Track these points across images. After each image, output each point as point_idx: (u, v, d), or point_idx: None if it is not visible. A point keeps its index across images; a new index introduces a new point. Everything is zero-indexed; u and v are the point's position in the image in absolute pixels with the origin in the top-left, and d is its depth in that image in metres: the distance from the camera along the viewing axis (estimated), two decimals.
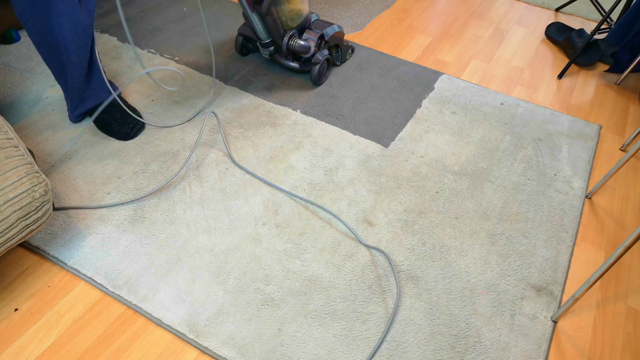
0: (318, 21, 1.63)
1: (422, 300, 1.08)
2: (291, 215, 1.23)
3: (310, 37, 1.57)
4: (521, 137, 1.51)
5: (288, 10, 1.51)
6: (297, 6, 1.53)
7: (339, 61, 1.71)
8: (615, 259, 0.94)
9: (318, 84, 1.63)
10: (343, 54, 1.71)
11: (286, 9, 1.51)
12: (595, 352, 1.02)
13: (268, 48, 1.60)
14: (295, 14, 1.54)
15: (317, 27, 1.60)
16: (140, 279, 1.07)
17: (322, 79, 1.64)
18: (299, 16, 1.55)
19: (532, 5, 2.25)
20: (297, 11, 1.54)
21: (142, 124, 1.43)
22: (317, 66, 1.57)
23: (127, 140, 1.39)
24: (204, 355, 0.97)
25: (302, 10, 1.56)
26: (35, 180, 0.94)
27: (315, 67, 1.57)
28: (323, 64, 1.60)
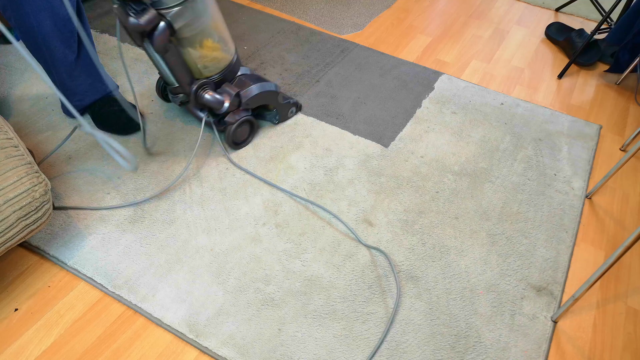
0: (244, 77, 1.36)
1: (422, 300, 1.08)
2: (291, 215, 1.23)
3: (226, 92, 1.29)
4: (521, 137, 1.51)
5: (199, 55, 1.21)
6: (212, 53, 1.23)
7: (275, 120, 1.46)
8: (615, 259, 0.94)
9: (234, 148, 1.38)
10: (281, 114, 1.45)
11: (196, 54, 1.21)
12: (595, 352, 1.02)
13: (177, 95, 1.34)
14: (209, 61, 1.25)
15: (240, 84, 1.33)
16: (140, 279, 1.07)
17: (240, 144, 1.38)
18: (215, 65, 1.27)
19: (532, 5, 2.25)
20: (211, 58, 1.24)
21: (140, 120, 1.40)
22: (232, 127, 1.31)
23: (127, 135, 1.39)
24: (204, 355, 0.97)
25: (220, 59, 1.27)
26: (35, 180, 0.94)
27: (230, 128, 1.31)
28: (241, 127, 1.34)
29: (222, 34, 1.24)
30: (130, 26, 1.07)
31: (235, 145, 1.37)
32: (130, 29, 1.09)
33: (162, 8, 1.09)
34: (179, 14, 1.11)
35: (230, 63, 1.31)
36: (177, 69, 1.21)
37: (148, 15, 1.06)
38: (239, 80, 1.35)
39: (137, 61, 1.68)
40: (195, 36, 1.17)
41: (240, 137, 1.36)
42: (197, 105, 1.31)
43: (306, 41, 1.85)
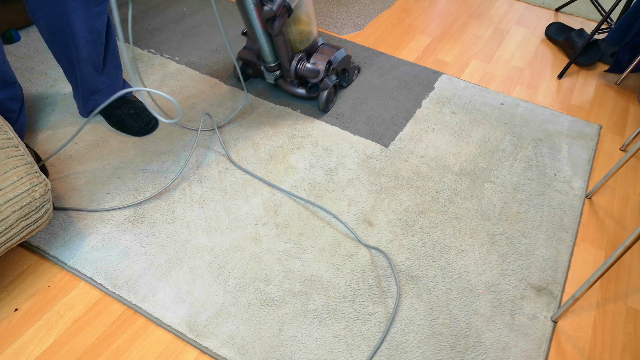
0: (325, 45, 1.54)
1: (422, 300, 1.08)
2: (291, 215, 1.23)
3: (319, 61, 1.46)
4: (521, 137, 1.51)
5: (298, 32, 1.40)
6: (307, 28, 1.42)
7: (345, 83, 1.64)
8: (615, 259, 0.94)
9: (325, 111, 1.53)
10: (350, 76, 1.64)
11: (296, 30, 1.40)
12: (595, 352, 1.02)
13: (274, 72, 1.49)
14: (304, 36, 1.43)
15: (324, 51, 1.51)
16: (140, 279, 1.07)
17: (330, 106, 1.55)
18: (307, 38, 1.45)
19: (532, 5, 2.25)
20: (306, 33, 1.43)
21: (157, 120, 1.44)
22: (326, 92, 1.48)
23: (142, 136, 1.41)
24: (204, 355, 0.97)
25: (312, 32, 1.46)
26: (35, 180, 0.94)
27: (324, 93, 1.48)
28: (331, 90, 1.51)
29: (311, 11, 1.43)
30: (265, 14, 1.27)
31: (327, 108, 1.52)
32: (264, 16, 1.28)
33: None
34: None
35: (316, 35, 1.50)
36: (282, 47, 1.39)
37: (277, 2, 1.27)
38: (322, 49, 1.51)
39: (137, 61, 1.68)
40: (298, 14, 1.37)
41: (331, 99, 1.54)
42: (295, 78, 1.48)
43: None
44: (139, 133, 1.41)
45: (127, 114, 1.40)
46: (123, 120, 1.40)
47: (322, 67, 1.45)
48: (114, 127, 1.42)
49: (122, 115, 1.40)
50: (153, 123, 1.43)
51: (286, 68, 1.45)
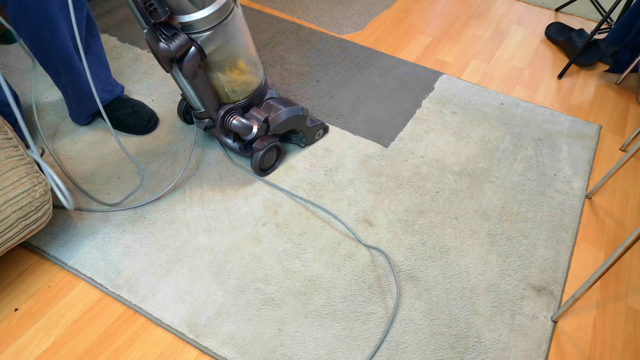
0: (274, 100, 1.31)
1: (422, 300, 1.08)
2: (291, 215, 1.23)
3: (254, 117, 1.24)
4: (521, 137, 1.51)
5: (228, 80, 1.17)
6: (241, 77, 1.19)
7: (302, 143, 1.40)
8: (615, 259, 0.94)
9: (261, 175, 1.32)
10: (308, 137, 1.39)
11: (225, 78, 1.16)
12: (595, 352, 1.02)
13: (202, 120, 1.27)
14: (237, 86, 1.20)
15: (268, 107, 1.28)
16: (140, 279, 1.07)
17: (268, 170, 1.33)
18: (243, 89, 1.22)
19: (532, 5, 2.25)
20: (240, 82, 1.20)
21: (157, 116, 1.44)
22: (259, 154, 1.26)
23: (146, 134, 1.41)
24: (204, 355, 0.97)
25: (249, 83, 1.22)
26: (35, 180, 0.94)
27: (257, 155, 1.26)
28: (268, 152, 1.29)
29: (251, 57, 1.20)
30: (161, 52, 1.02)
31: (262, 172, 1.31)
32: (160, 55, 1.03)
33: (193, 32, 1.05)
34: (209, 38, 1.06)
35: (259, 86, 1.26)
36: (205, 93, 1.17)
37: (179, 40, 1.02)
38: (267, 105, 1.29)
39: (137, 61, 1.68)
40: (225, 60, 1.14)
41: (267, 163, 1.31)
42: (223, 130, 1.26)
43: (306, 41, 1.85)
44: (142, 131, 1.41)
45: (127, 113, 1.40)
46: (124, 120, 1.40)
47: (256, 124, 1.23)
48: (115, 129, 1.42)
49: (122, 115, 1.40)
50: (154, 120, 1.43)
51: (213, 118, 1.23)
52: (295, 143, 1.42)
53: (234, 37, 1.11)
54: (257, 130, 1.23)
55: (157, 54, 1.04)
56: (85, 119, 1.40)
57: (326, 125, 1.45)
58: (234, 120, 1.21)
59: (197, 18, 1.02)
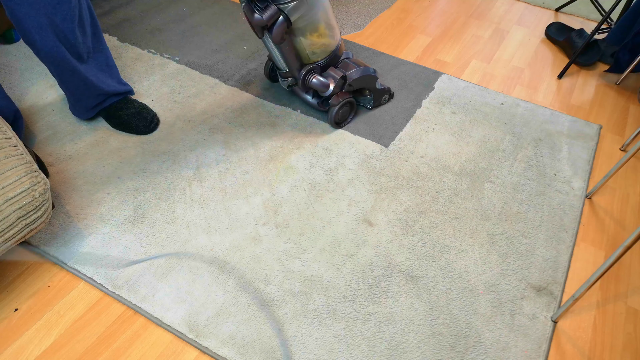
0: (348, 60, 1.45)
1: (422, 300, 1.08)
2: (291, 215, 1.23)
3: (331, 76, 1.40)
4: (521, 137, 1.51)
5: (309, 43, 1.33)
6: (321, 40, 1.34)
7: (369, 105, 1.54)
8: (615, 259, 0.94)
9: (335, 127, 1.47)
10: (375, 99, 1.53)
11: (307, 42, 1.33)
12: (595, 352, 1.02)
13: (286, 79, 1.45)
14: (317, 48, 1.36)
15: (343, 67, 1.43)
16: (140, 279, 1.07)
17: (342, 123, 1.48)
18: (322, 50, 1.38)
19: (532, 5, 2.25)
20: (320, 45, 1.35)
21: (157, 117, 1.46)
22: (335, 108, 1.41)
23: (148, 134, 1.41)
24: (204, 355, 0.97)
25: (327, 45, 1.38)
26: (34, 180, 0.94)
27: (332, 110, 1.41)
28: (343, 108, 1.44)
29: (330, 22, 1.35)
30: (255, 21, 1.21)
31: (336, 125, 1.46)
32: (255, 24, 1.22)
33: (281, 3, 1.21)
34: (295, 7, 1.23)
35: (336, 48, 1.41)
36: (289, 56, 1.34)
37: (270, 11, 1.20)
38: (343, 64, 1.43)
39: (137, 61, 1.68)
40: (307, 26, 1.29)
41: (342, 117, 1.46)
42: (304, 88, 1.43)
43: None
44: (144, 131, 1.41)
45: (130, 113, 1.41)
46: (127, 120, 1.40)
47: (333, 82, 1.39)
48: (117, 129, 1.42)
49: (125, 115, 1.40)
50: (156, 120, 1.44)
51: (295, 77, 1.41)
52: (363, 105, 1.55)
53: (314, 5, 1.27)
54: (333, 87, 1.40)
55: (252, 23, 1.24)
56: (87, 113, 1.40)
57: (392, 92, 1.59)
58: (313, 79, 1.39)
59: None
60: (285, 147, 1.41)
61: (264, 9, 1.21)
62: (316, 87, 1.39)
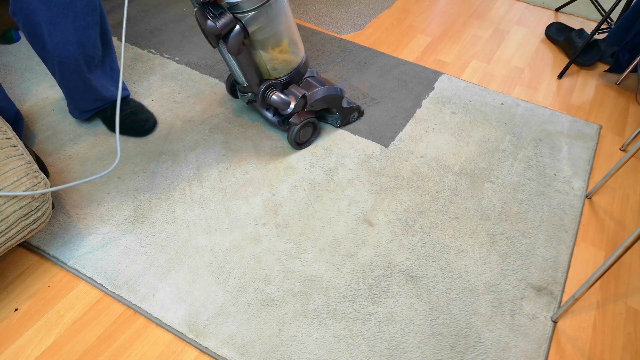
0: (313, 79, 1.38)
1: (422, 300, 1.08)
2: (291, 215, 1.23)
3: (293, 93, 1.32)
4: (521, 137, 1.51)
5: (270, 58, 1.26)
6: (282, 55, 1.27)
7: (337, 124, 1.47)
8: (615, 259, 0.94)
9: (296, 148, 1.40)
10: (343, 118, 1.46)
11: (267, 56, 1.25)
12: (595, 352, 1.02)
13: (245, 94, 1.38)
14: (278, 63, 1.28)
15: (306, 86, 1.36)
16: (140, 279, 1.07)
17: (303, 145, 1.40)
18: (284, 67, 1.30)
19: (532, 5, 2.25)
20: (281, 60, 1.28)
21: (155, 118, 1.44)
22: (295, 128, 1.34)
23: (144, 136, 1.40)
24: (204, 355, 0.97)
25: (290, 61, 1.31)
26: (34, 180, 0.94)
27: (293, 129, 1.34)
28: (304, 128, 1.36)
29: (293, 37, 1.28)
30: (208, 29, 1.12)
31: (297, 146, 1.40)
32: (207, 32, 1.14)
33: (238, 12, 1.14)
34: (253, 17, 1.15)
35: (299, 65, 1.35)
36: (248, 69, 1.26)
37: (225, 19, 1.12)
38: (306, 82, 1.37)
39: (137, 61, 1.68)
40: (268, 39, 1.22)
41: (303, 137, 1.39)
42: (264, 105, 1.36)
43: (306, 41, 1.85)
44: (139, 133, 1.40)
45: (124, 114, 1.40)
46: (121, 121, 1.39)
47: (293, 100, 1.31)
48: (112, 131, 1.41)
49: (120, 117, 1.39)
50: (152, 122, 1.42)
51: (254, 92, 1.33)
52: (330, 123, 1.49)
53: (276, 18, 1.19)
54: (294, 105, 1.32)
55: (204, 31, 1.17)
56: (83, 114, 1.39)
57: (362, 109, 1.52)
58: (273, 96, 1.31)
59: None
60: (285, 147, 1.41)
61: (219, 17, 1.12)
62: (276, 105, 1.32)
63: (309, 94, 1.33)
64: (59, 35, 1.14)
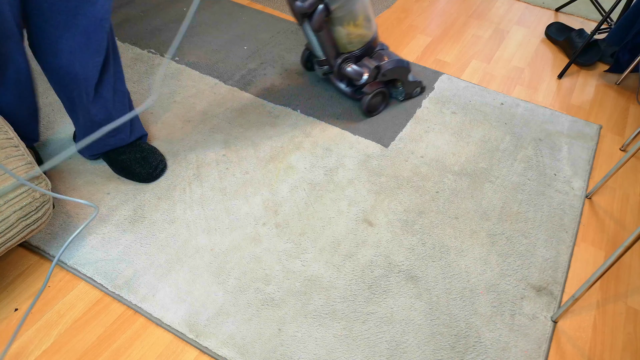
0: (383, 51, 1.50)
1: (422, 300, 1.08)
2: (291, 215, 1.23)
3: (366, 65, 1.45)
4: (521, 137, 1.51)
5: (346, 33, 1.39)
6: (358, 30, 1.40)
7: (401, 97, 1.58)
8: (615, 259, 0.94)
9: (367, 116, 1.52)
10: (407, 91, 1.57)
11: (344, 31, 1.38)
12: (595, 352, 1.02)
13: (322, 67, 1.51)
14: (354, 38, 1.41)
15: (378, 57, 1.47)
16: (140, 279, 1.07)
17: (373, 113, 1.52)
18: (359, 41, 1.43)
19: (532, 5, 2.25)
20: (356, 35, 1.41)
21: (165, 162, 1.32)
22: (367, 97, 1.46)
23: (150, 182, 1.28)
24: (204, 355, 0.97)
25: (364, 35, 1.43)
26: (35, 180, 0.94)
27: (365, 99, 1.47)
28: (375, 97, 1.49)
29: (367, 14, 1.40)
30: (296, 8, 1.29)
31: (369, 114, 1.51)
32: (296, 11, 1.30)
33: None
34: None
35: (372, 39, 1.45)
36: (327, 44, 1.40)
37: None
38: (378, 54, 1.48)
39: (137, 61, 1.68)
40: (345, 16, 1.35)
41: (374, 106, 1.50)
42: (339, 76, 1.49)
43: (306, 41, 1.85)
44: (147, 179, 1.27)
45: (134, 158, 1.27)
46: (129, 166, 1.27)
47: (367, 71, 1.44)
48: (119, 174, 1.29)
49: (128, 160, 1.27)
50: (162, 166, 1.30)
51: (331, 65, 1.46)
52: (394, 97, 1.59)
53: None
54: (367, 76, 1.44)
55: (293, 10, 1.32)
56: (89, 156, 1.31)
57: (424, 85, 1.62)
58: (348, 68, 1.44)
59: None
60: (285, 147, 1.41)
61: None
62: (351, 76, 1.44)
63: (381, 64, 1.44)
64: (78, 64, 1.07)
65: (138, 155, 1.28)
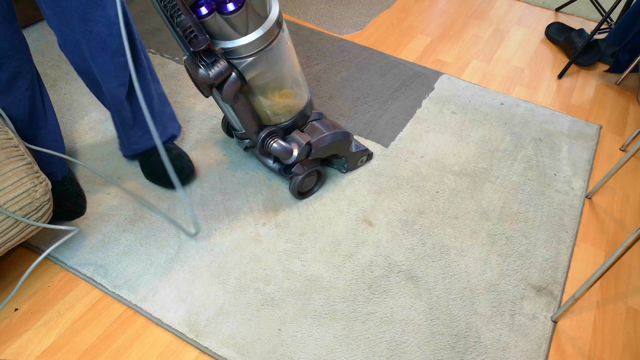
0: (317, 123, 1.23)
1: (422, 300, 1.08)
2: (291, 215, 1.23)
3: (296, 140, 1.18)
4: (521, 137, 1.51)
5: (270, 103, 1.11)
6: (284, 100, 1.12)
7: (344, 170, 1.34)
8: (615, 259, 0.94)
9: (299, 198, 1.27)
10: (351, 163, 1.33)
11: (267, 102, 1.10)
12: (595, 352, 1.02)
13: (243, 140, 1.26)
14: (279, 109, 1.14)
15: (311, 130, 1.21)
16: (140, 279, 1.07)
17: (306, 195, 1.28)
18: (286, 112, 1.16)
19: (532, 5, 2.25)
20: (282, 106, 1.13)
21: (193, 168, 1.29)
22: (298, 179, 1.21)
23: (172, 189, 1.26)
24: (204, 355, 0.97)
25: (292, 105, 1.16)
26: (35, 181, 0.94)
27: (296, 179, 1.21)
28: (308, 177, 1.24)
29: (296, 80, 1.14)
30: (199, 79, 0.98)
31: (300, 196, 1.26)
32: (199, 82, 1.00)
33: (234, 58, 1.00)
34: (252, 64, 1.01)
35: (303, 109, 1.20)
36: (245, 116, 1.11)
37: (219, 67, 0.98)
38: (311, 126, 1.22)
39: None
40: (267, 84, 1.08)
41: (306, 187, 1.26)
42: (263, 153, 1.21)
43: (306, 41, 1.85)
44: (172, 185, 1.24)
45: (161, 161, 1.23)
46: (154, 169, 1.25)
47: (297, 148, 1.17)
48: (147, 179, 1.28)
49: (156, 163, 1.25)
50: (188, 172, 1.25)
51: (253, 140, 1.18)
52: (336, 168, 1.35)
53: (277, 62, 1.06)
54: (297, 154, 1.17)
55: (195, 80, 1.02)
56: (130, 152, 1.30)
57: (370, 152, 1.37)
58: (274, 144, 1.15)
59: (240, 44, 0.98)
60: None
61: (212, 65, 0.97)
62: (277, 154, 1.16)
63: (314, 141, 1.18)
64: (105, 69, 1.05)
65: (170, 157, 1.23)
